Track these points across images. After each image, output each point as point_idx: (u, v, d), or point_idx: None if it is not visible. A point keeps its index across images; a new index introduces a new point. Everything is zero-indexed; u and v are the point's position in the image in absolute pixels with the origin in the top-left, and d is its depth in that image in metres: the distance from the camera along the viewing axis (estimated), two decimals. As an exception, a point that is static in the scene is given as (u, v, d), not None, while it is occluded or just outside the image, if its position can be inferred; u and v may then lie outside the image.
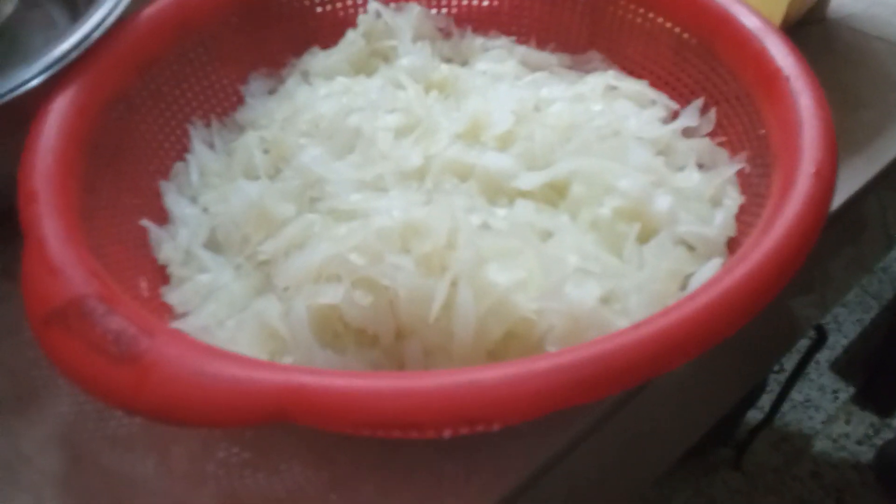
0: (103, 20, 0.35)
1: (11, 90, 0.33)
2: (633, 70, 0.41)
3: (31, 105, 0.33)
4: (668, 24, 0.39)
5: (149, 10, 0.38)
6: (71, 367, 0.26)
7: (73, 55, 0.34)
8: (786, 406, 1.04)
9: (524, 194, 0.33)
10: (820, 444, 1.06)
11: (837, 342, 1.17)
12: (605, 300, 0.29)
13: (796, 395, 1.11)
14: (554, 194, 0.34)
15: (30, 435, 0.33)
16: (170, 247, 0.35)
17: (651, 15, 0.40)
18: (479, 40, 0.44)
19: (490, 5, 0.45)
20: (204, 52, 0.41)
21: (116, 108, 0.36)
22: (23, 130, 0.32)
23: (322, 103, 0.38)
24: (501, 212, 0.32)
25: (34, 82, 0.33)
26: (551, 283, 0.29)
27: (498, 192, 0.34)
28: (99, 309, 0.26)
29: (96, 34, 0.35)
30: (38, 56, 0.34)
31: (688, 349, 0.24)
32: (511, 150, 0.35)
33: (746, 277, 0.25)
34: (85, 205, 0.32)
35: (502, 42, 0.43)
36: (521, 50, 0.43)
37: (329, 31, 0.44)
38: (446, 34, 0.44)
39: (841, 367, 1.14)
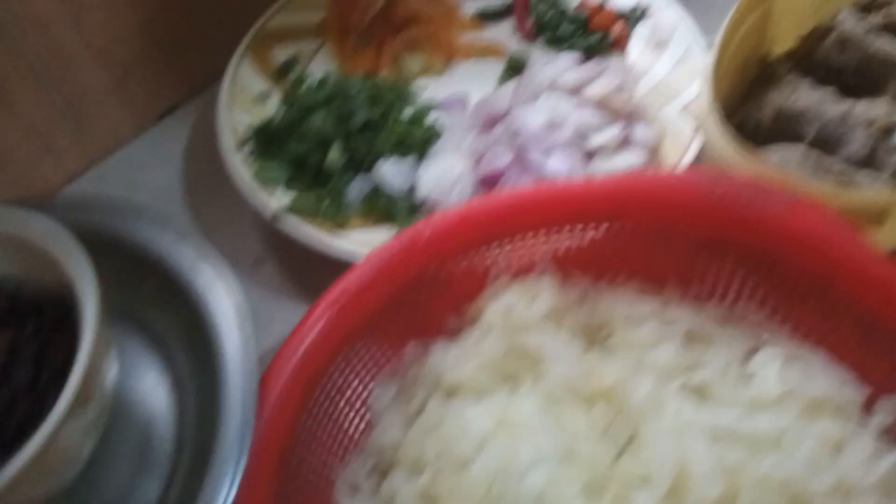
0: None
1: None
2: (803, 333, 0.37)
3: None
4: (853, 304, 0.35)
5: (314, 338, 0.35)
6: None
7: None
8: None
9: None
10: None
11: None
12: None
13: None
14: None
15: None
16: None
17: (831, 290, 0.35)
18: (619, 305, 0.39)
19: (621, 248, 0.39)
20: (353, 356, 0.37)
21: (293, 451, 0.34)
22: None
23: (482, 456, 0.34)
24: None
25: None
26: None
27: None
28: None
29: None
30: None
31: None
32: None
33: None
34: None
35: (647, 307, 0.39)
36: (671, 317, 0.38)
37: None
38: (580, 298, 0.40)
39: None
